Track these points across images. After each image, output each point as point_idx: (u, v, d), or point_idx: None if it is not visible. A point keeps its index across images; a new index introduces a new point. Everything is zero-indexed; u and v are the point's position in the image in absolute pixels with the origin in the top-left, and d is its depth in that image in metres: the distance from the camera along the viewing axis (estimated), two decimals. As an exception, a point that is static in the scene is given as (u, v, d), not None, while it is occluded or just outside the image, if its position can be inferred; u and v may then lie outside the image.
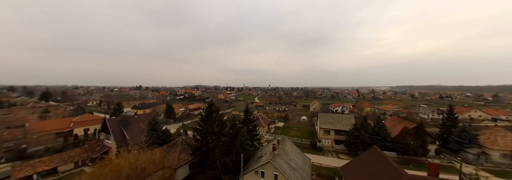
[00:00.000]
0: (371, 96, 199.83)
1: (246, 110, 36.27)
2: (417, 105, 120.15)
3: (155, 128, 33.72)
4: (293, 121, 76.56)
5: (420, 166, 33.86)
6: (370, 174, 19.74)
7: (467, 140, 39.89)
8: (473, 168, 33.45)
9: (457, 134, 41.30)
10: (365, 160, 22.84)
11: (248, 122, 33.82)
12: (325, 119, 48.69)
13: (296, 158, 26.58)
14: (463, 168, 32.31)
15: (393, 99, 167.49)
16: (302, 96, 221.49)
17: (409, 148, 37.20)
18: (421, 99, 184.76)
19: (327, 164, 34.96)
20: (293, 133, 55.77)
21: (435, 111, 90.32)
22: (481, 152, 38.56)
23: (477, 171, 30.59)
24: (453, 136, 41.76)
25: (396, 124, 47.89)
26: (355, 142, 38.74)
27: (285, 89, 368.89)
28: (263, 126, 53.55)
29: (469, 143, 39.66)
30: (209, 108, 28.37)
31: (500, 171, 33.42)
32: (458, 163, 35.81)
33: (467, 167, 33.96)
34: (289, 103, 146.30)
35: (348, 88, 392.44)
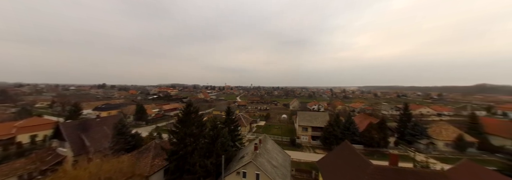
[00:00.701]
0: (343, 95, 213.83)
1: (228, 110, 35.03)
2: (379, 103, 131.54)
3: (123, 132, 29.21)
4: (274, 120, 77.21)
5: (383, 157, 37.19)
6: (342, 166, 21.15)
7: (419, 133, 45.07)
8: (423, 156, 38.06)
9: (411, 127, 46.35)
10: (338, 153, 24.33)
11: (230, 122, 32.77)
12: (303, 117, 50.37)
13: (277, 156, 26.71)
14: (416, 156, 36.72)
15: (360, 98, 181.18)
16: (283, 95, 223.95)
17: (373, 141, 40.78)
18: (382, 97, 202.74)
19: (305, 159, 36.14)
20: (274, 131, 56.46)
21: (394, 108, 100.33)
22: (430, 143, 44.05)
23: (427, 158, 34.93)
24: (408, 129, 46.60)
25: (363, 120, 52.06)
26: (330, 137, 40.88)
27: (266, 88, 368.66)
28: (245, 126, 53.03)
29: (420, 135, 44.86)
30: (187, 108, 25.58)
31: (444, 157, 38.51)
32: (412, 152, 40.44)
33: (419, 156, 38.48)
34: (270, 102, 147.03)
35: (323, 88, 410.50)
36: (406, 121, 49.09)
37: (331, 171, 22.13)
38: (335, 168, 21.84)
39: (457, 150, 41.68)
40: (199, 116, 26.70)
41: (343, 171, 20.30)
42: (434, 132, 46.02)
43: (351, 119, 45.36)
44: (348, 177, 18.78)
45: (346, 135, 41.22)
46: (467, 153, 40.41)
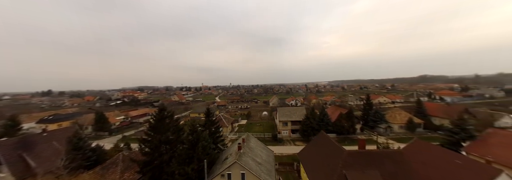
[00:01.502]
0: (316, 90, 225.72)
1: (207, 112, 32.47)
2: (346, 95, 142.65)
3: (80, 147, 24.51)
4: (255, 117, 76.44)
5: (352, 142, 40.80)
6: (320, 154, 22.55)
7: (379, 119, 50.48)
8: (384, 138, 42.71)
9: (373, 115, 51.61)
10: (316, 143, 25.74)
11: (210, 124, 30.57)
12: (283, 113, 51.34)
13: (260, 153, 26.34)
14: (378, 139, 41.12)
15: (330, 92, 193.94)
16: (262, 93, 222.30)
17: (343, 129, 44.31)
18: (348, 90, 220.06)
19: (287, 152, 36.78)
20: (256, 129, 56.09)
21: (358, 99, 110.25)
22: (388, 126, 49.78)
23: (387, 140, 39.23)
24: (370, 116, 51.73)
25: (334, 111, 56.00)
26: (307, 130, 42.60)
27: (246, 86, 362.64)
28: (226, 126, 51.48)
29: (380, 121, 50.29)
30: (160, 113, 22.63)
31: (399, 138, 43.98)
32: (375, 136, 45.03)
33: (381, 138, 43.07)
34: (251, 100, 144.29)
35: (299, 84, 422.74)
36: (369, 109, 54.34)
37: (310, 160, 23.32)
38: (314, 157, 23.07)
39: (408, 131, 48.00)
40: (174, 120, 23.99)
41: (321, 159, 21.64)
42: (390, 117, 52.04)
43: (324, 111, 48.36)
44: (325, 164, 20.15)
45: (321, 126, 43.47)
46: (416, 133, 46.91)
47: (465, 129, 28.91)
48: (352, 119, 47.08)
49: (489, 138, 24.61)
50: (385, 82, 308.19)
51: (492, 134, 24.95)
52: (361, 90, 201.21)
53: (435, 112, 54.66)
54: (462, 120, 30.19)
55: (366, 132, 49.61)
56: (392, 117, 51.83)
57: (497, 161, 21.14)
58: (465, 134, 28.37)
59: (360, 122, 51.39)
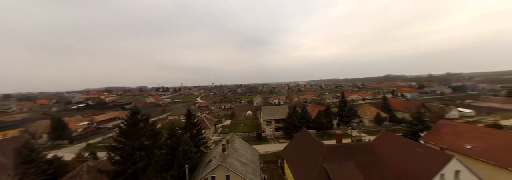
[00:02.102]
0: (297, 89, 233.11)
1: (188, 113, 29.82)
2: (324, 94, 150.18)
3: (32, 159, 20.47)
4: (239, 117, 74.50)
5: (330, 137, 42.78)
6: (302, 150, 23.03)
7: (352, 114, 53.90)
8: (357, 132, 45.83)
9: (347, 111, 54.90)
10: (298, 140, 26.17)
11: (191, 126, 28.23)
12: (267, 112, 51.31)
13: (245, 153, 25.51)
14: (352, 133, 43.97)
15: (310, 90, 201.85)
16: (246, 92, 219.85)
17: (322, 125, 46.28)
18: (326, 89, 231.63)
19: (271, 150, 36.73)
20: (241, 129, 54.63)
21: (334, 96, 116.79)
22: (360, 121, 53.48)
23: (359, 133, 42.00)
24: (345, 112, 54.88)
25: (314, 108, 58.32)
26: (290, 127, 43.21)
27: (229, 86, 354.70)
28: (209, 128, 48.75)
29: (353, 116, 53.74)
30: (132, 116, 20.06)
31: (369, 131, 47.46)
32: (349, 130, 48.18)
33: (354, 132, 46.19)
34: (234, 100, 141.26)
35: (281, 83, 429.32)
36: (343, 106, 57.66)
37: (293, 156, 23.64)
38: (297, 153, 23.45)
39: (377, 124, 52.17)
40: (150, 124, 21.64)
41: (303, 154, 22.11)
42: (361, 112, 55.98)
43: (305, 109, 50.00)
44: (307, 159, 20.65)
45: (303, 123, 44.70)
46: (383, 126, 51.18)
47: (422, 121, 32.35)
48: (330, 115, 49.50)
49: (441, 128, 27.90)
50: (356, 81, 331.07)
51: (444, 125, 28.35)
52: (337, 89, 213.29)
53: (397, 107, 60.40)
54: (419, 114, 33.73)
55: (341, 126, 52.58)
56: (363, 112, 55.80)
57: (449, 147, 24.06)
58: (423, 126, 31.75)
59: (336, 118, 54.19)
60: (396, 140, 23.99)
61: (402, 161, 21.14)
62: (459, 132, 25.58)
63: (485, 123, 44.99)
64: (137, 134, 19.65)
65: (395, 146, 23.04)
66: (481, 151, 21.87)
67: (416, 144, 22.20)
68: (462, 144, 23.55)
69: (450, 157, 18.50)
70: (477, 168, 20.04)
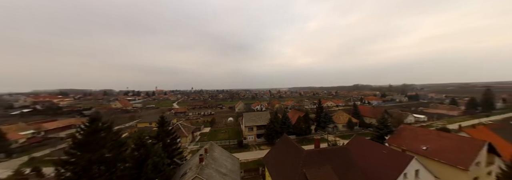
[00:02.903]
0: (278, 95, 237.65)
1: (161, 120, 26.24)
2: (303, 100, 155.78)
3: None
4: (220, 124, 70.18)
5: (309, 141, 43.85)
6: (283, 156, 22.62)
7: (328, 120, 56.49)
8: (332, 136, 47.91)
9: (323, 116, 57.33)
10: (279, 146, 25.60)
11: (165, 135, 25.04)
12: (248, 118, 49.83)
13: (225, 162, 23.71)
14: (328, 137, 45.72)
15: (290, 97, 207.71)
16: (228, 98, 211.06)
17: (302, 130, 47.22)
18: (305, 96, 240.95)
19: (253, 157, 35.20)
20: (221, 136, 51.36)
21: (312, 103, 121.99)
22: (334, 126, 56.17)
23: (335, 138, 43.84)
24: (321, 118, 57.31)
25: (294, 114, 59.58)
26: (271, 133, 42.41)
27: (211, 91, 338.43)
28: (186, 136, 44.56)
29: (328, 121, 56.32)
30: (91, 124, 17.27)
31: (343, 135, 49.95)
32: (325, 134, 50.11)
33: (330, 136, 48.15)
34: (215, 106, 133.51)
35: (263, 89, 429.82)
36: (320, 112, 60.07)
37: (275, 163, 23.01)
38: (278, 160, 22.92)
39: (349, 129, 55.38)
40: (114, 133, 18.82)
41: (284, 161, 21.75)
42: (335, 118, 59.09)
43: (286, 115, 50.66)
44: (288, 165, 20.37)
45: (284, 129, 44.84)
46: (354, 130, 54.56)
47: (386, 125, 35.35)
48: (308, 121, 51.00)
49: (402, 132, 30.74)
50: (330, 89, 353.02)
51: (403, 129, 31.33)
52: (314, 96, 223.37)
53: (365, 113, 65.43)
54: (383, 119, 36.91)
55: (319, 132, 54.39)
56: (337, 118, 58.96)
57: (409, 149, 26.41)
58: (387, 130, 34.64)
59: (314, 123, 56.06)
60: (366, 143, 25.52)
61: (371, 162, 22.39)
62: (416, 135, 28.46)
63: (435, 127, 51.22)
64: (97, 145, 16.56)
65: (365, 149, 24.44)
66: (434, 151, 24.48)
67: (382, 147, 23.86)
68: (419, 145, 26.14)
69: (410, 157, 20.22)
70: (432, 167, 22.22)
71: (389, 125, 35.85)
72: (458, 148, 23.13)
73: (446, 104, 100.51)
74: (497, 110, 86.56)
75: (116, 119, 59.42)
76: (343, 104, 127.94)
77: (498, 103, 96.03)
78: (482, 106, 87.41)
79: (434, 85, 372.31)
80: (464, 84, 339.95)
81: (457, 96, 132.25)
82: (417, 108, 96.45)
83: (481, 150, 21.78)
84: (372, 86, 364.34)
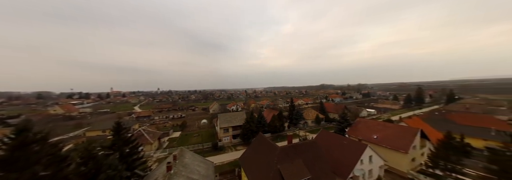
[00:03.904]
0: (254, 95, 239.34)
1: (117, 127, 21.81)
2: (278, 99, 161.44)
3: None
4: (192, 127, 64.40)
5: (283, 138, 45.37)
6: (259, 155, 22.71)
7: (299, 117, 59.97)
8: (303, 132, 51.00)
9: (295, 114, 60.58)
10: (255, 145, 25.62)
11: (123, 144, 21.30)
12: (224, 119, 47.91)
13: (198, 167, 21.90)
14: (300, 133, 48.49)
15: (266, 96, 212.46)
16: (201, 99, 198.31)
17: (276, 128, 48.67)
18: (279, 95, 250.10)
19: (229, 159, 33.82)
20: (194, 140, 47.36)
21: (285, 102, 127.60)
22: (305, 122, 59.97)
23: (305, 133, 46.66)
24: (293, 115, 60.50)
25: (269, 113, 61.06)
26: (247, 133, 41.65)
27: (181, 92, 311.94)
28: (151, 143, 39.40)
29: (300, 118, 59.80)
30: (18, 135, 13.61)
31: (312, 130, 53.75)
32: (297, 130, 53.04)
33: (301, 132, 51.21)
34: (187, 108, 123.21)
35: (239, 90, 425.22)
36: (292, 110, 63.23)
37: (250, 162, 22.88)
38: (254, 159, 22.87)
39: (316, 124, 59.99)
40: (51, 145, 15.12)
41: (259, 159, 21.86)
42: (305, 115, 63.20)
43: (261, 114, 51.34)
44: (263, 163, 20.57)
45: (259, 128, 45.04)
46: (321, 125, 59.40)
47: (346, 119, 39.70)
48: (282, 119, 52.92)
49: (358, 124, 35.00)
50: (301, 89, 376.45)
51: (359, 122, 35.73)
52: (287, 95, 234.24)
53: (330, 109, 72.16)
54: (344, 114, 41.37)
55: (291, 128, 57.12)
56: (307, 114, 63.17)
57: (364, 138, 30.20)
58: (346, 123, 38.92)
59: (287, 120, 58.62)
60: (330, 136, 28.05)
61: (335, 152, 24.69)
62: (368, 126, 32.80)
63: (382, 119, 60.04)
64: (27, 162, 12.84)
65: (330, 141, 26.84)
66: (382, 139, 28.65)
67: (343, 138, 26.61)
68: (371, 135, 30.19)
69: (365, 146, 23.11)
70: (381, 152, 25.94)
71: (348, 119, 40.34)
72: (399, 135, 27.67)
73: (390, 100, 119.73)
74: (426, 104, 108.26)
75: (56, 128, 50.28)
76: (312, 102, 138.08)
77: (426, 98, 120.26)
78: (415, 101, 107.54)
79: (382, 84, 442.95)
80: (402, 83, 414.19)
81: (398, 93, 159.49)
82: (369, 104, 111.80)
83: (416, 136, 26.61)
84: (335, 85, 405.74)
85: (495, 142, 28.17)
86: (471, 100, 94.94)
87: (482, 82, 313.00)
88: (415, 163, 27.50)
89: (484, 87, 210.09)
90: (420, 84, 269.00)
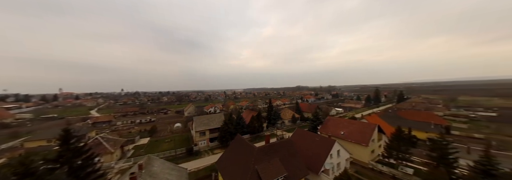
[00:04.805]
0: (234, 96, 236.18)
1: (65, 135, 18.47)
2: (257, 100, 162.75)
3: None
4: (164, 132, 58.33)
5: (261, 138, 45.63)
6: (236, 157, 22.03)
7: (277, 117, 61.59)
8: (280, 131, 52.42)
9: (273, 114, 62.10)
10: (233, 147, 24.82)
11: (72, 156, 18.12)
12: (200, 121, 45.04)
13: (169, 176, 20.40)
14: (277, 132, 49.60)
15: (245, 98, 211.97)
16: (175, 101, 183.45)
17: (255, 129, 48.66)
18: (258, 96, 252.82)
19: (205, 164, 31.75)
20: (165, 146, 42.81)
21: (264, 103, 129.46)
22: (282, 122, 61.76)
23: (282, 132, 47.87)
24: (272, 116, 61.94)
25: (248, 114, 60.80)
26: (225, 135, 40.18)
27: (151, 94, 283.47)
28: (111, 152, 33.50)
29: (277, 118, 61.45)
30: None
31: (289, 129, 55.62)
32: (275, 130, 54.17)
33: (279, 131, 52.53)
34: (157, 111, 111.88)
35: (218, 91, 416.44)
36: (271, 110, 64.61)
37: (228, 165, 22.10)
38: (231, 161, 22.16)
39: (293, 123, 62.48)
40: None
41: (237, 161, 21.30)
42: (283, 115, 65.22)
43: (240, 115, 50.61)
44: (241, 164, 20.11)
45: (238, 129, 44.24)
46: (297, 124, 62.07)
47: (318, 118, 42.36)
48: (261, 119, 53.25)
49: (328, 122, 37.69)
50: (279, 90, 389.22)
51: (329, 120, 38.55)
52: (266, 96, 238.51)
53: (305, 109, 76.23)
54: (316, 113, 44.12)
55: (269, 128, 58.06)
56: (284, 114, 65.25)
57: (333, 135, 32.56)
58: (318, 121, 41.54)
59: (266, 121, 59.41)
60: (304, 134, 29.41)
61: (308, 149, 25.91)
62: (336, 123, 35.61)
63: (348, 116, 66.23)
64: None
65: (304, 139, 28.10)
66: (347, 134, 31.39)
67: (315, 135, 28.20)
68: (339, 131, 32.81)
69: (333, 141, 24.89)
70: (347, 146, 28.35)
71: (320, 117, 43.13)
72: (361, 131, 30.76)
73: (354, 100, 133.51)
74: (382, 103, 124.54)
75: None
76: (289, 103, 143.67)
77: (382, 98, 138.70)
78: (374, 100, 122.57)
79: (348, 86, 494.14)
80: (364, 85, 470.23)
81: (360, 94, 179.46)
82: (337, 104, 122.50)
83: (374, 131, 29.96)
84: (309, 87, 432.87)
85: (434, 133, 33.88)
86: (416, 99, 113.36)
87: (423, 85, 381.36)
88: (374, 154, 30.96)
89: (425, 88, 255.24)
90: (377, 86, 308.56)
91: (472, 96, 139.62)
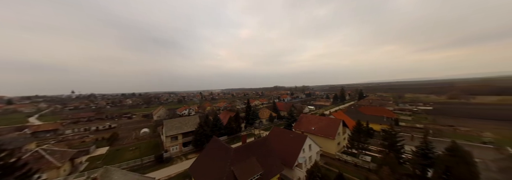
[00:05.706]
0: (211, 97, 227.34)
1: None
2: (235, 101, 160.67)
3: None
4: (128, 139, 52.17)
5: (239, 139, 45.12)
6: (212, 160, 21.05)
7: (255, 116, 62.02)
8: (258, 130, 52.95)
9: (251, 114, 62.23)
10: (208, 150, 23.67)
11: (2, 174, 15.33)
12: (171, 125, 40.89)
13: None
14: (255, 131, 49.89)
15: (223, 98, 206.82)
16: (142, 103, 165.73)
17: (233, 130, 47.81)
18: (237, 97, 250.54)
19: (177, 171, 29.48)
20: (129, 155, 37.90)
21: (242, 103, 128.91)
22: (260, 121, 62.51)
23: (260, 131, 48.33)
24: (250, 116, 62.08)
25: (226, 115, 59.20)
26: (201, 138, 38.08)
27: (111, 96, 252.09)
28: (57, 167, 27.91)
29: (255, 118, 61.89)
30: None
31: (266, 128, 56.62)
32: (253, 130, 54.42)
33: (256, 130, 52.97)
34: (119, 116, 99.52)
35: (193, 92, 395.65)
36: (249, 110, 64.58)
37: (203, 170, 21.00)
38: (207, 165, 21.15)
39: (270, 122, 63.96)
40: None
41: (213, 164, 20.43)
42: (260, 114, 66.13)
43: (217, 117, 48.83)
44: (216, 167, 19.36)
45: (214, 131, 42.64)
46: (274, 122, 63.72)
47: (293, 116, 44.50)
48: (239, 120, 52.59)
49: (301, 119, 39.96)
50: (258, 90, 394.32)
51: (302, 117, 40.93)
52: (244, 96, 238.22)
53: (281, 108, 79.03)
54: (291, 111, 46.29)
55: (248, 128, 57.99)
56: (262, 114, 66.25)
57: (305, 131, 34.64)
58: (293, 119, 43.64)
59: (244, 121, 59.11)
60: (280, 132, 30.41)
61: (283, 145, 26.86)
62: (309, 120, 38.04)
63: (318, 113, 71.57)
64: None
65: (280, 136, 29.03)
66: (317, 130, 33.85)
67: (290, 132, 29.47)
68: (310, 127, 35.11)
69: (305, 137, 26.44)
70: (317, 140, 30.51)
71: (295, 115, 45.38)
72: (329, 125, 33.60)
73: (324, 98, 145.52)
74: (346, 100, 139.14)
75: None
76: (267, 102, 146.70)
77: (347, 97, 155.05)
78: (340, 98, 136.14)
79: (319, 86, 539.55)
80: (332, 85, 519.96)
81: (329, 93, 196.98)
82: (310, 102, 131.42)
83: (339, 125, 33.11)
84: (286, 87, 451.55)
85: (386, 125, 39.46)
86: (373, 96, 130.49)
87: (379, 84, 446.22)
88: (340, 146, 34.22)
89: (381, 87, 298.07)
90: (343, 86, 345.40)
91: (414, 93, 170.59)
